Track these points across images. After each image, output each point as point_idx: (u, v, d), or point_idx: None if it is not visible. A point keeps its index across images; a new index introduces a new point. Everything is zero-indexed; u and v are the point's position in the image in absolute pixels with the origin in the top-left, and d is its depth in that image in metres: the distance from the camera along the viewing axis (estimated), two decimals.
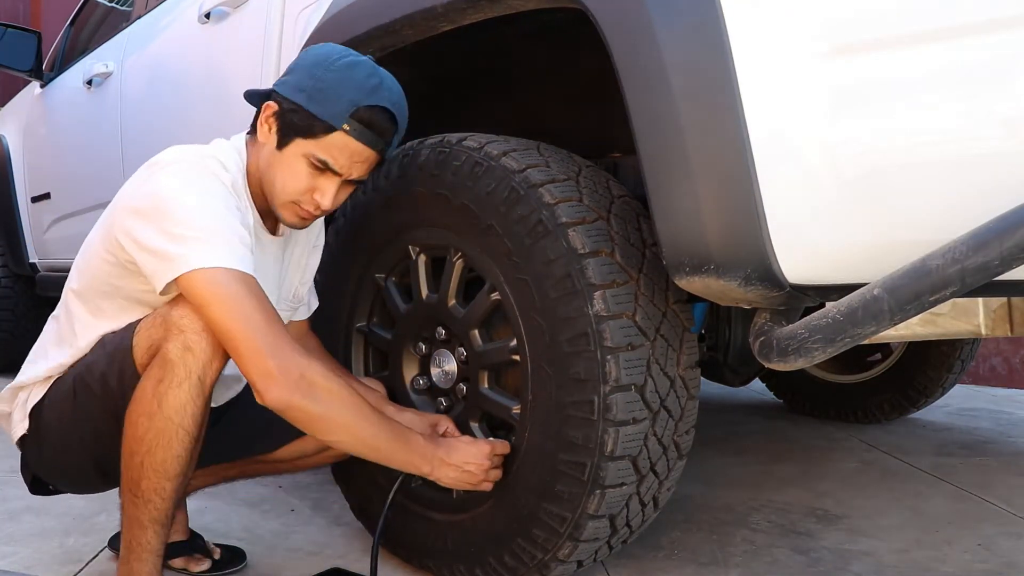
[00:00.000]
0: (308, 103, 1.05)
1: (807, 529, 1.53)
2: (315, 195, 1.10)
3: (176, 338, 0.99)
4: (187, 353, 0.98)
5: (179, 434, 0.99)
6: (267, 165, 1.11)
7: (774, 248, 0.85)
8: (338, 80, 1.06)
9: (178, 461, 1.01)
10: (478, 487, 1.11)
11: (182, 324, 0.99)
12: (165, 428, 0.99)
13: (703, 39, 0.87)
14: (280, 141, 1.09)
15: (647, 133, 0.92)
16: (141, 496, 1.01)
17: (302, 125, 1.06)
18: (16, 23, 3.28)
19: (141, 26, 2.33)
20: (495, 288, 1.13)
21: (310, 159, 1.08)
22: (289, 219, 1.13)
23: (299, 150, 1.08)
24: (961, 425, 2.50)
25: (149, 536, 1.03)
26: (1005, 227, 0.74)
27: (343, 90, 1.05)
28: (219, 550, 1.31)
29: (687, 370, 1.10)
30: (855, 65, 0.82)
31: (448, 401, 1.25)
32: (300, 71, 1.09)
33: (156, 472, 1.00)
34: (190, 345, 0.98)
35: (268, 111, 1.10)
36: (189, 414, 0.99)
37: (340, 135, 1.06)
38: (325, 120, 1.05)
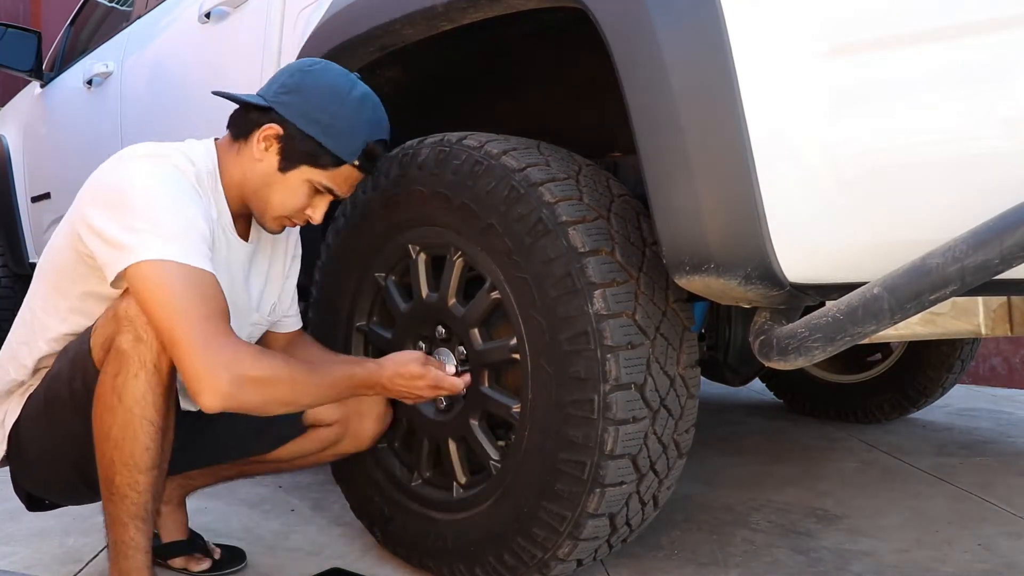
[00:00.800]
0: (323, 137, 1.08)
1: (807, 529, 1.53)
2: (307, 211, 1.14)
3: (126, 330, 0.98)
4: (139, 344, 0.98)
5: (143, 425, 0.99)
6: (263, 183, 1.12)
7: (774, 247, 0.85)
8: (353, 117, 1.10)
9: (147, 453, 1.00)
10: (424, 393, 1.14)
11: (131, 315, 0.98)
12: (128, 421, 0.98)
13: (703, 38, 0.87)
14: (284, 165, 1.11)
15: (647, 132, 0.92)
16: (116, 492, 1.01)
17: (313, 155, 1.09)
18: (16, 23, 3.28)
19: (141, 26, 2.33)
20: (495, 287, 1.13)
21: (316, 186, 1.12)
22: (274, 228, 1.17)
23: (304, 176, 1.11)
24: (961, 425, 2.50)
25: (131, 533, 1.02)
26: (1005, 226, 0.74)
27: (358, 129, 1.10)
28: (219, 550, 1.31)
29: (687, 369, 1.10)
30: (855, 65, 0.82)
31: (448, 400, 1.25)
32: (309, 99, 1.09)
33: (126, 466, 1.00)
34: (141, 335, 0.98)
35: (270, 131, 1.10)
36: (150, 403, 0.99)
37: (348, 167, 1.11)
38: (339, 156, 1.09)
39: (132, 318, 0.98)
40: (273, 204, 1.12)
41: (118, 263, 0.98)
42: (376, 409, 1.25)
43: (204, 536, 1.39)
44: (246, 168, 1.13)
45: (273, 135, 1.10)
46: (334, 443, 1.26)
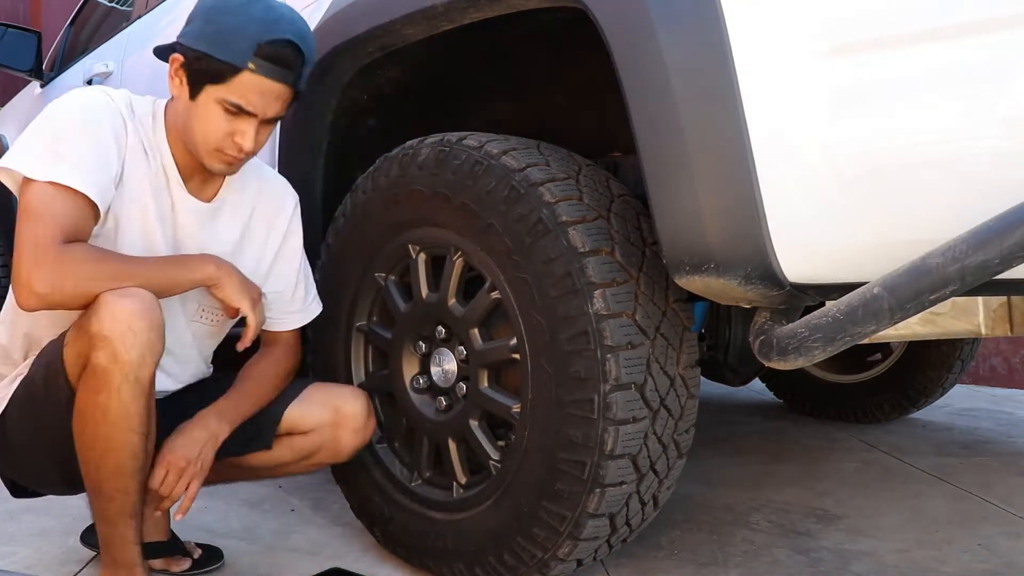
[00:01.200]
0: (211, 48, 1.05)
1: (807, 529, 1.53)
2: (236, 138, 1.09)
3: (102, 347, 0.99)
4: (115, 361, 0.99)
5: (128, 436, 1.02)
6: (185, 118, 1.11)
7: (774, 247, 0.86)
8: (236, 20, 1.06)
9: (134, 459, 1.03)
10: None
11: (104, 333, 0.98)
12: (113, 435, 1.01)
13: (703, 39, 0.87)
14: (192, 91, 1.09)
15: (647, 132, 0.92)
16: (105, 495, 1.04)
17: (210, 71, 1.06)
18: (16, 23, 3.28)
19: (141, 26, 2.33)
20: (495, 287, 1.13)
21: (224, 104, 1.07)
22: (216, 166, 1.13)
23: (211, 96, 1.07)
24: (961, 425, 2.50)
25: (122, 529, 1.06)
26: (1005, 226, 0.74)
27: (242, 29, 1.05)
28: (199, 550, 1.31)
29: (687, 369, 1.10)
30: (855, 65, 0.82)
31: (448, 400, 1.25)
32: (199, 18, 1.09)
33: (114, 473, 1.03)
34: (117, 353, 0.99)
35: (175, 64, 1.09)
36: (134, 414, 1.01)
37: (247, 75, 1.06)
38: (230, 62, 1.05)
39: (106, 336, 0.98)
40: (198, 137, 1.10)
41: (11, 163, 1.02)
42: (355, 421, 1.22)
43: (204, 536, 1.39)
44: (176, 112, 1.13)
45: (178, 65, 1.09)
46: (311, 454, 1.24)
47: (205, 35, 1.06)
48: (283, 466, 1.27)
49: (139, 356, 1.00)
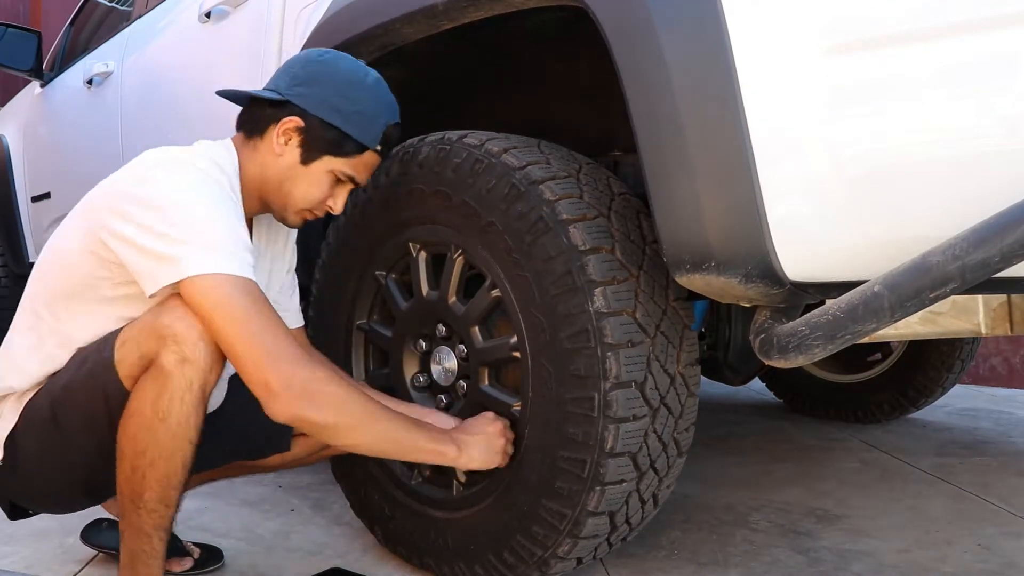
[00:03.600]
0: (345, 125, 1.08)
1: (807, 529, 1.53)
2: (328, 202, 1.14)
3: (171, 349, 0.95)
4: (185, 364, 0.95)
5: (183, 446, 0.98)
6: (285, 178, 1.11)
7: (774, 245, 0.86)
8: (373, 102, 1.10)
9: (183, 470, 0.99)
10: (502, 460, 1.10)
11: (176, 334, 0.95)
12: (169, 443, 0.97)
13: (704, 37, 0.87)
14: (306, 157, 1.10)
15: (648, 131, 0.92)
16: (144, 507, 0.99)
17: (336, 144, 1.09)
18: (16, 23, 3.28)
19: (141, 25, 2.33)
20: (495, 285, 1.13)
21: (338, 175, 1.12)
22: (295, 222, 1.16)
23: (327, 166, 1.11)
24: (961, 425, 2.50)
25: (155, 543, 1.01)
26: (1005, 224, 0.74)
27: (379, 113, 1.10)
28: (198, 550, 1.30)
29: (687, 367, 1.10)
30: (855, 63, 0.82)
31: (448, 398, 1.25)
32: (327, 88, 1.08)
33: (160, 483, 0.98)
34: (187, 356, 0.95)
35: (289, 124, 1.09)
36: (193, 426, 0.98)
37: (370, 153, 1.12)
38: (362, 142, 1.10)
39: (178, 337, 0.95)
40: (296, 198, 1.12)
41: (167, 275, 0.95)
42: None
43: (204, 536, 1.39)
44: (266, 165, 1.11)
45: (293, 128, 1.09)
46: (324, 447, 1.26)
47: (339, 111, 1.08)
48: (295, 460, 1.28)
49: (208, 365, 0.96)
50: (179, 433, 0.97)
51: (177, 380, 0.96)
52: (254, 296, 0.97)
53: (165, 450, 0.97)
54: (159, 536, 1.01)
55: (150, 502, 0.99)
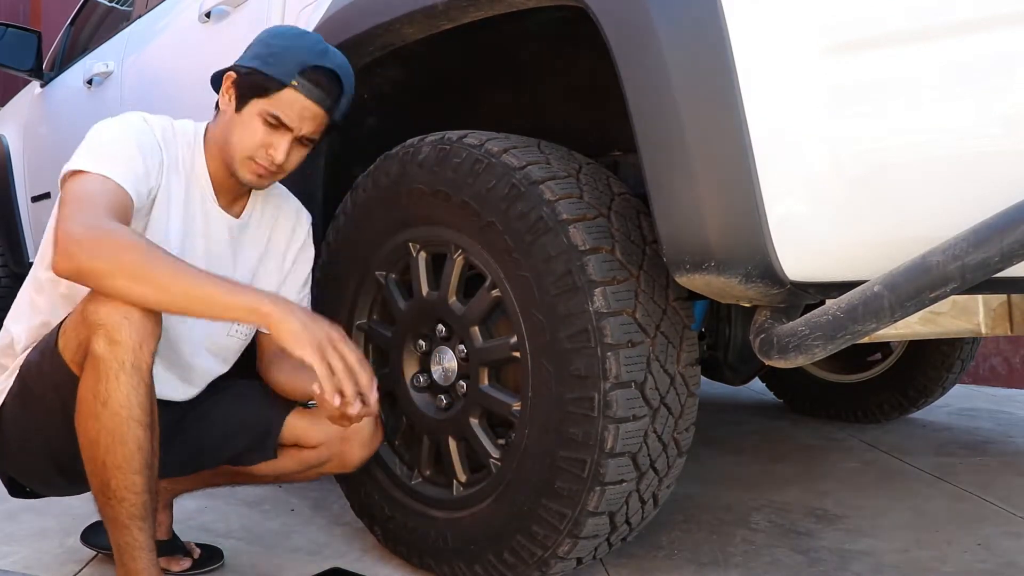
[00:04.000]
0: (262, 66, 1.15)
1: (807, 529, 1.53)
2: (269, 150, 1.16)
3: (99, 334, 0.97)
4: (113, 346, 0.96)
5: (131, 426, 0.98)
6: (226, 130, 1.18)
7: (774, 245, 0.85)
8: (288, 45, 1.17)
9: (140, 453, 0.99)
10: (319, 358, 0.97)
11: (100, 318, 0.97)
12: (116, 426, 0.97)
13: (703, 37, 0.87)
14: (238, 104, 1.17)
15: (648, 131, 0.92)
16: (114, 496, 1.00)
17: (257, 85, 1.15)
18: (16, 23, 3.28)
19: (141, 25, 2.33)
20: (495, 285, 1.13)
21: (264, 116, 1.15)
22: (247, 176, 1.18)
23: (255, 109, 1.16)
24: (961, 425, 2.50)
25: (134, 534, 1.01)
26: (1005, 223, 0.74)
27: (293, 53, 1.16)
28: (199, 549, 1.30)
29: (687, 367, 1.10)
30: (855, 63, 0.82)
31: (448, 398, 1.25)
32: (256, 44, 1.20)
33: (120, 469, 0.98)
34: (113, 337, 0.96)
35: (228, 80, 1.18)
36: (135, 404, 0.98)
37: (290, 91, 1.14)
38: (277, 78, 1.14)
39: (102, 321, 0.97)
40: (235, 145, 1.17)
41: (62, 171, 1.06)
42: (363, 433, 1.20)
43: (204, 536, 1.39)
44: (220, 125, 1.20)
45: (230, 83, 1.18)
46: (318, 464, 1.24)
47: (259, 55, 1.17)
48: (288, 475, 1.27)
49: (136, 343, 0.97)
50: (122, 414, 0.97)
51: (109, 363, 0.97)
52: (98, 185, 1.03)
53: (115, 434, 0.98)
54: (137, 526, 1.00)
55: (117, 490, 0.99)
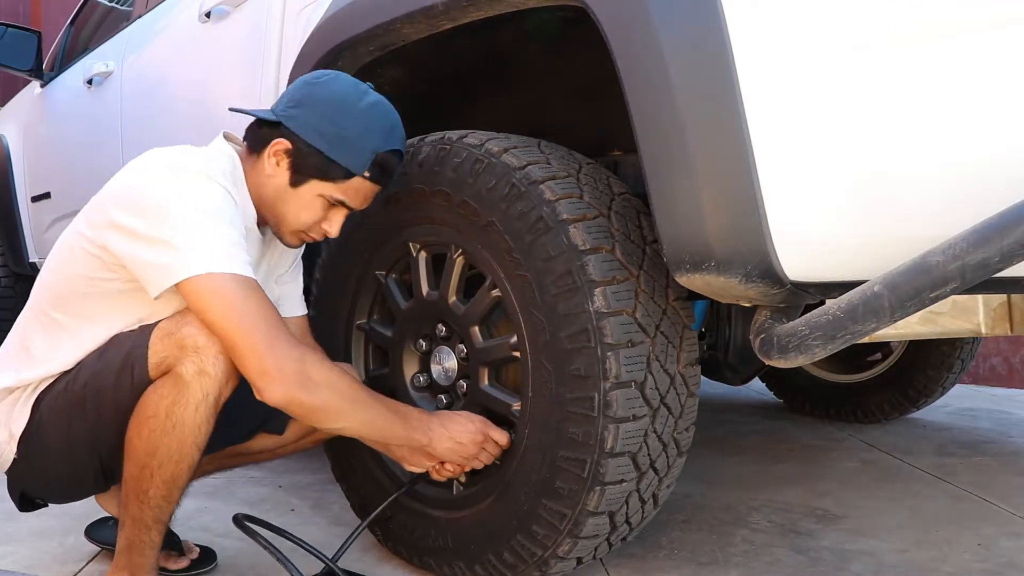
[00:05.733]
0: (330, 150, 1.08)
1: (807, 529, 1.53)
2: (323, 224, 1.15)
3: (190, 359, 1.00)
4: (202, 376, 1.00)
5: (192, 452, 1.03)
6: (277, 198, 1.13)
7: (775, 245, 0.85)
8: (360, 128, 1.08)
9: (189, 472, 1.05)
10: (470, 463, 1.12)
11: (197, 345, 1.00)
12: (179, 448, 1.02)
13: (704, 37, 0.87)
14: (295, 180, 1.11)
15: (648, 131, 0.92)
16: (148, 502, 1.05)
17: (321, 168, 1.09)
18: (16, 23, 3.28)
19: (141, 25, 2.33)
20: (495, 285, 1.13)
21: (328, 199, 1.12)
22: (292, 242, 1.18)
23: (315, 190, 1.11)
24: (961, 425, 2.50)
25: (153, 535, 1.07)
26: (1005, 223, 0.74)
27: (366, 139, 1.08)
28: (197, 550, 1.31)
29: (687, 367, 1.10)
30: (855, 63, 0.82)
31: (448, 398, 1.25)
32: (316, 111, 1.09)
33: (166, 483, 1.04)
34: (205, 368, 1.00)
35: (279, 147, 1.10)
36: (204, 433, 1.03)
37: (359, 180, 1.11)
38: (347, 168, 1.09)
39: (199, 349, 1.00)
40: (288, 219, 1.14)
41: (167, 279, 0.99)
42: None
43: (204, 536, 1.39)
44: (261, 182, 1.13)
45: (283, 150, 1.10)
46: (313, 430, 1.26)
47: (324, 134, 1.08)
48: (284, 447, 1.29)
49: (224, 379, 1.01)
50: (189, 440, 1.02)
51: (194, 390, 1.00)
52: (248, 289, 1.00)
53: (175, 454, 1.02)
54: (157, 528, 1.07)
55: (155, 499, 1.04)
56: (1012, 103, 0.78)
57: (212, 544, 1.36)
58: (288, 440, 1.28)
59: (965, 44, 0.79)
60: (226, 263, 1.00)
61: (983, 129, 0.79)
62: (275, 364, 0.98)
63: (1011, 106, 0.79)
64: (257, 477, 1.77)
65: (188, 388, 1.00)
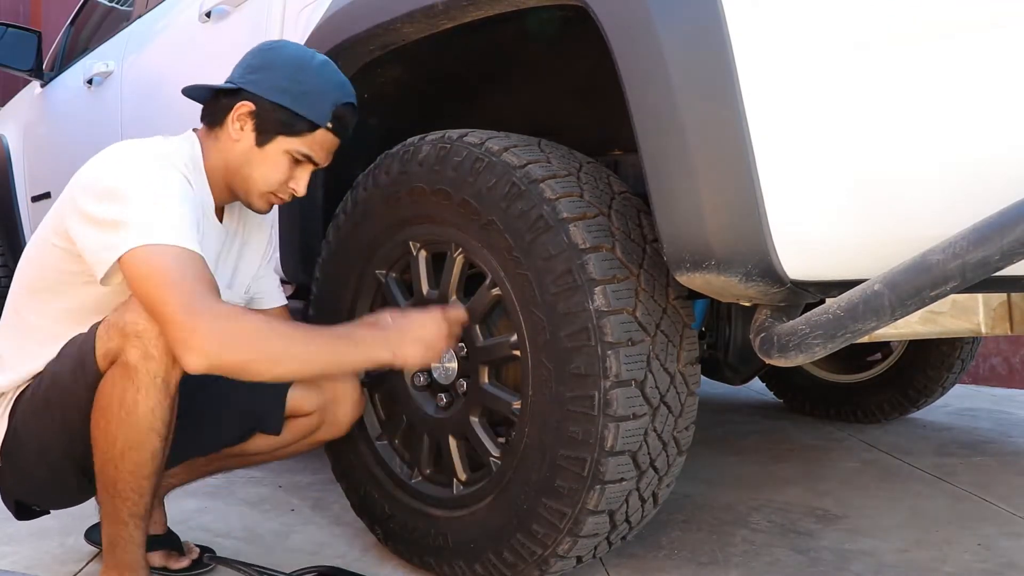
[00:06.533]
0: (294, 105, 1.13)
1: (807, 529, 1.53)
2: (291, 184, 1.18)
3: (133, 345, 0.99)
4: (148, 360, 0.99)
5: (150, 436, 1.01)
6: (243, 162, 1.16)
7: (775, 244, 0.86)
8: (319, 83, 1.15)
9: (152, 460, 1.03)
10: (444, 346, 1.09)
11: (138, 330, 0.99)
12: (136, 435, 1.01)
13: (704, 36, 0.87)
14: (260, 139, 1.15)
15: (648, 130, 0.92)
16: (119, 495, 1.04)
17: (286, 124, 1.13)
18: (16, 23, 3.29)
19: (141, 25, 2.33)
20: (496, 283, 1.13)
21: (294, 155, 1.15)
22: (261, 207, 1.20)
23: (282, 147, 1.15)
24: (961, 425, 2.50)
25: (131, 530, 1.06)
26: (1005, 222, 0.74)
27: (326, 92, 1.14)
28: (197, 549, 1.30)
29: (687, 366, 1.10)
30: (855, 63, 0.82)
31: (448, 397, 1.25)
32: (276, 72, 1.14)
33: (131, 473, 1.03)
34: (149, 351, 0.99)
35: (243, 109, 1.14)
36: (158, 417, 1.01)
37: (323, 132, 1.15)
38: (312, 120, 1.13)
39: (140, 334, 0.99)
40: (255, 180, 1.16)
41: (105, 258, 0.99)
42: (353, 394, 1.25)
43: (204, 535, 1.39)
44: (226, 152, 1.17)
45: (247, 112, 1.14)
46: (311, 432, 1.26)
47: (287, 91, 1.13)
48: (282, 448, 1.28)
49: (171, 360, 1.00)
50: (144, 425, 1.01)
51: (141, 375, 0.99)
52: (183, 259, 0.98)
53: (134, 442, 1.01)
54: (134, 523, 1.05)
55: (124, 491, 1.03)
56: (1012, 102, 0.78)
57: (212, 544, 1.36)
58: (286, 441, 1.27)
59: (965, 43, 0.79)
60: (166, 235, 0.98)
61: (983, 128, 0.79)
62: (191, 330, 0.94)
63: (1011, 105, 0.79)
64: (257, 477, 1.77)
65: (135, 374, 0.99)
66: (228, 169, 1.17)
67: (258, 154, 1.15)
